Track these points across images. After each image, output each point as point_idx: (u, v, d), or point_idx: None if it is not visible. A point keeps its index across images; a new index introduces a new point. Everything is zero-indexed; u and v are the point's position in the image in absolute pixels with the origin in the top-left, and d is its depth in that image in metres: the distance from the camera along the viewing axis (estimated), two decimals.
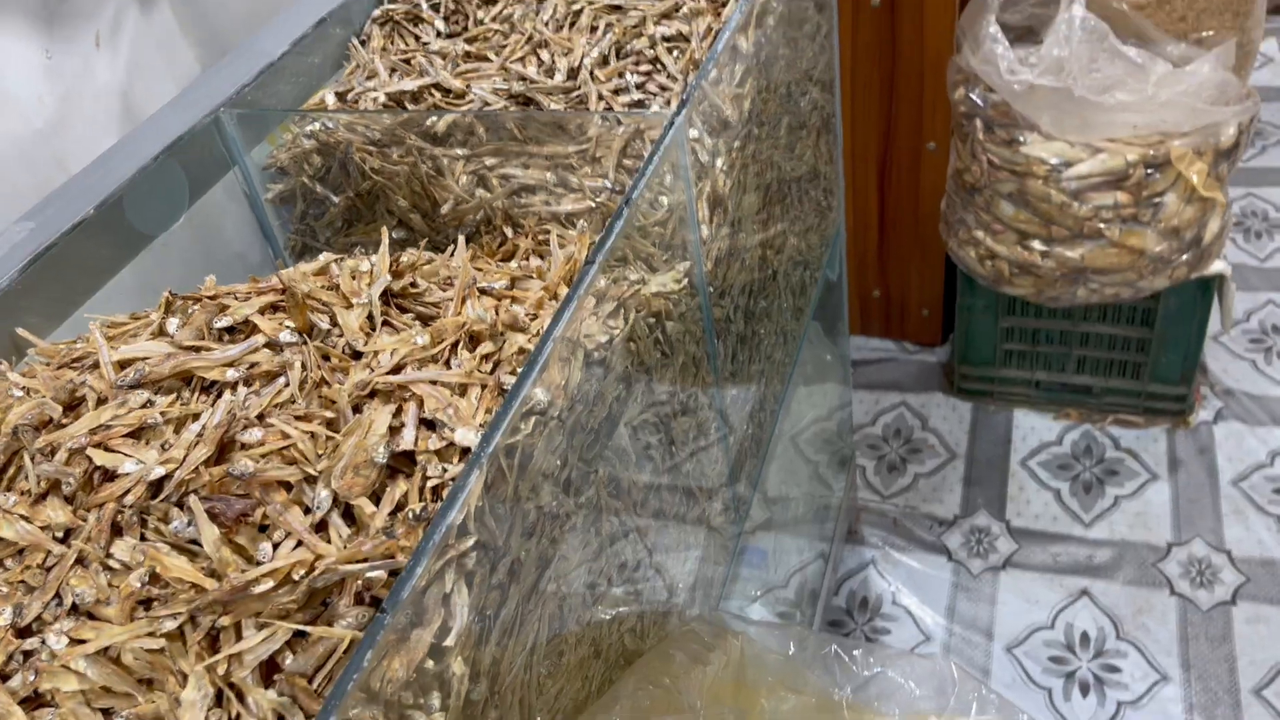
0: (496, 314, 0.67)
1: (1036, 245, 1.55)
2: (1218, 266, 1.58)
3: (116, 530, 0.53)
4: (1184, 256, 1.54)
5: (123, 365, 0.60)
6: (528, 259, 0.85)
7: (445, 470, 0.56)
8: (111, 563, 0.52)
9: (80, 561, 0.53)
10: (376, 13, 1.06)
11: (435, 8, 1.06)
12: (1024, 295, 1.63)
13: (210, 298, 0.65)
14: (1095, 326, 1.74)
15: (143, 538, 0.53)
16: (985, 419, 1.89)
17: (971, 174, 1.56)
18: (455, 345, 0.64)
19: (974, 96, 1.50)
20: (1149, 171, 1.44)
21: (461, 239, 0.80)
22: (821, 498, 1.56)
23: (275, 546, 0.52)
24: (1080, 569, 1.62)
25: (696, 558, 0.96)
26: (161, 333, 0.63)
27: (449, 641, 0.52)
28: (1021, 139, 1.47)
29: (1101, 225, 1.49)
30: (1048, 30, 1.45)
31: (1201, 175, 1.44)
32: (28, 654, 0.51)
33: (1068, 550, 1.65)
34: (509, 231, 0.89)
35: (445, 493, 0.55)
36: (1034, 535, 1.68)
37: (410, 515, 0.53)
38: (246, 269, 0.99)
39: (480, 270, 0.77)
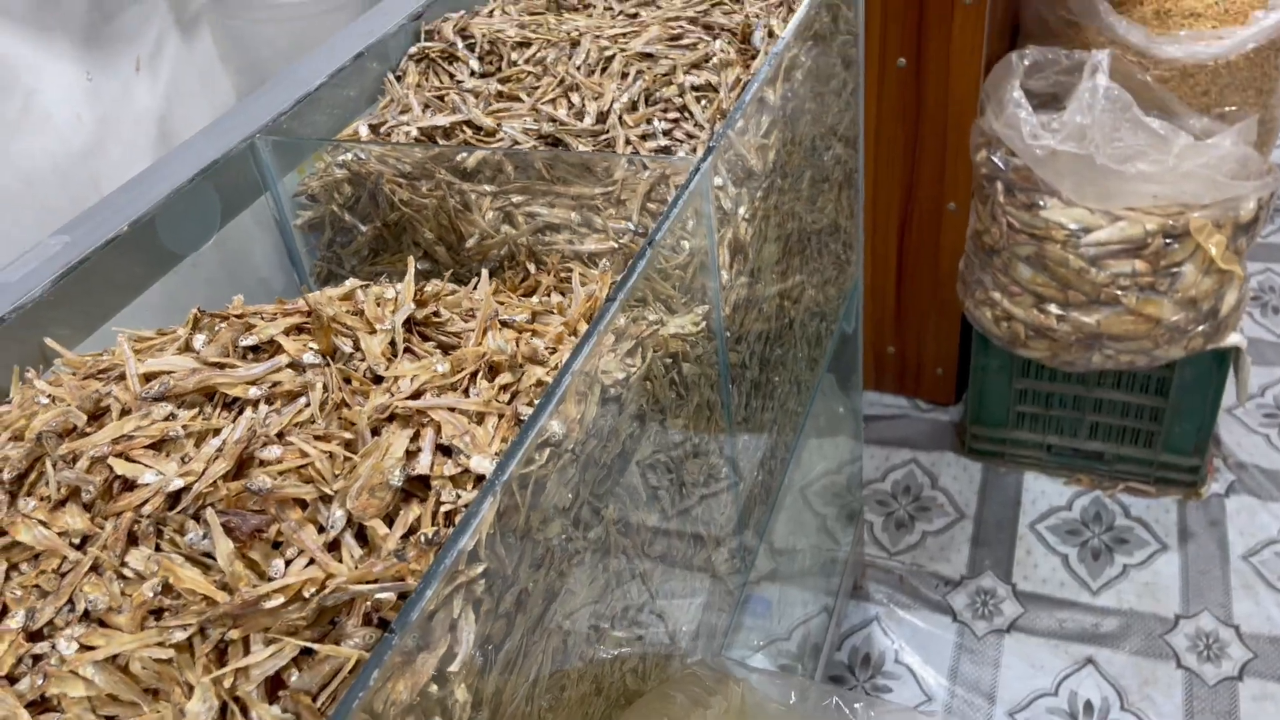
0: (517, 346, 0.68)
1: (1053, 309, 1.55)
2: (1234, 339, 1.58)
3: (132, 539, 0.54)
4: (1200, 327, 1.54)
5: (148, 378, 0.61)
6: (549, 295, 0.86)
7: (459, 496, 0.57)
8: (126, 571, 0.53)
9: (95, 569, 0.53)
10: (413, 49, 1.09)
11: (470, 47, 1.08)
12: (1039, 358, 1.64)
13: (237, 316, 0.66)
14: (1109, 393, 1.74)
15: (158, 548, 0.54)
16: (995, 480, 1.88)
17: (991, 235, 1.57)
18: (475, 374, 0.65)
19: (996, 159, 1.52)
20: (1168, 241, 1.45)
21: (485, 273, 0.82)
22: (828, 551, 1.56)
23: (288, 563, 0.53)
24: (1086, 636, 1.60)
25: (700, 604, 0.96)
26: (188, 348, 0.64)
27: (454, 667, 0.52)
28: (1042, 203, 1.48)
29: (1119, 292, 1.49)
30: (1071, 98, 1.47)
31: (1220, 248, 1.45)
32: (37, 658, 0.51)
33: (1074, 617, 1.64)
34: (532, 268, 0.90)
35: (458, 519, 0.56)
36: (1040, 600, 1.67)
37: (422, 539, 0.53)
38: (272, 292, 1.00)
39: (502, 304, 0.78)
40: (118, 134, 1.58)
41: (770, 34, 1.04)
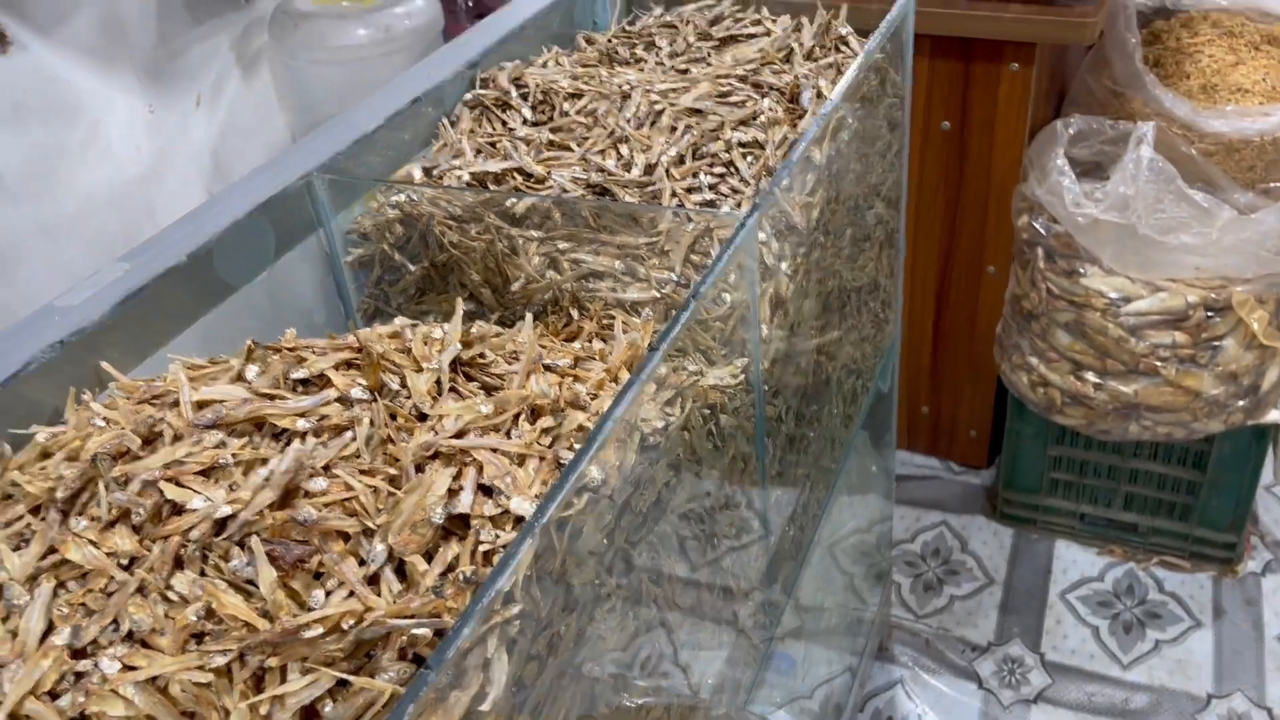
0: (559, 390, 0.69)
1: (1090, 377, 1.55)
2: (1274, 416, 1.57)
3: (178, 563, 0.55)
4: (1240, 402, 1.53)
5: (201, 406, 0.63)
6: (590, 341, 0.87)
7: (498, 537, 0.58)
8: (170, 594, 0.54)
9: (141, 590, 0.54)
10: (468, 96, 1.11)
11: (524, 96, 1.11)
12: (1074, 426, 1.63)
13: (289, 349, 0.68)
14: (1145, 464, 1.72)
15: (202, 573, 0.55)
16: (1027, 547, 1.86)
17: (1030, 301, 1.57)
18: (517, 417, 0.66)
19: (1037, 225, 1.52)
20: (1209, 314, 1.44)
21: (529, 316, 0.83)
22: (854, 610, 1.54)
23: (328, 594, 0.54)
24: (1115, 711, 1.57)
25: (725, 658, 0.96)
26: (240, 378, 0.66)
27: (485, 707, 0.52)
28: (1082, 271, 1.49)
29: (1158, 363, 1.49)
30: (1115, 168, 1.48)
31: (1263, 323, 1.44)
32: (79, 675, 0.52)
33: (1103, 691, 1.61)
34: (575, 313, 0.92)
35: (496, 559, 0.57)
36: (1069, 671, 1.64)
37: (461, 577, 0.54)
38: (317, 326, 1.02)
39: (545, 348, 0.80)
40: (174, 165, 1.63)
41: (819, 95, 1.06)
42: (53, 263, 1.40)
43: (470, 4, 2.16)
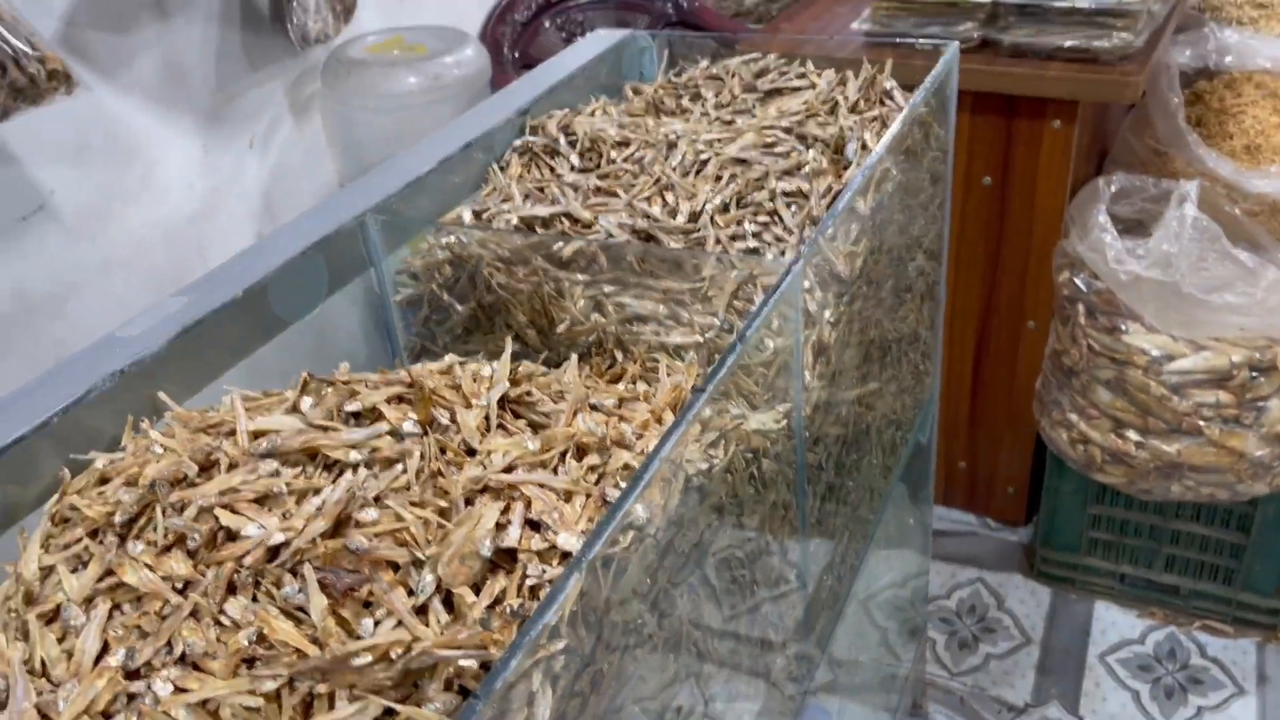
0: (606, 429, 0.70)
1: (1132, 435, 1.53)
2: None
3: (232, 589, 0.56)
4: None
5: (257, 435, 0.64)
6: (634, 383, 0.88)
7: (544, 572, 0.58)
8: (223, 619, 0.55)
9: (194, 614, 0.55)
10: (517, 143, 1.14)
11: (572, 144, 1.13)
12: (1115, 484, 1.61)
13: (343, 383, 0.69)
14: (1187, 525, 1.69)
15: (255, 599, 0.56)
16: (1065, 607, 1.83)
17: (1070, 357, 1.56)
18: (564, 454, 0.67)
19: (1079, 281, 1.52)
20: (1253, 375, 1.43)
21: (574, 358, 0.84)
22: (888, 666, 1.52)
23: (376, 624, 0.54)
24: None
25: (758, 710, 0.95)
26: (295, 409, 0.67)
27: None
28: (1124, 328, 1.48)
29: (1201, 423, 1.47)
30: (1157, 225, 1.48)
31: None
32: (132, 696, 0.53)
33: None
34: (619, 356, 0.93)
35: (543, 593, 0.57)
36: None
37: (508, 610, 0.55)
38: (365, 363, 1.04)
39: (589, 388, 0.81)
40: (225, 205, 1.67)
41: (864, 147, 1.08)
42: (106, 298, 1.43)
43: (516, 55, 2.21)
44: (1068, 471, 1.69)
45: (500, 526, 0.59)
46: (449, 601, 0.57)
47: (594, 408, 0.75)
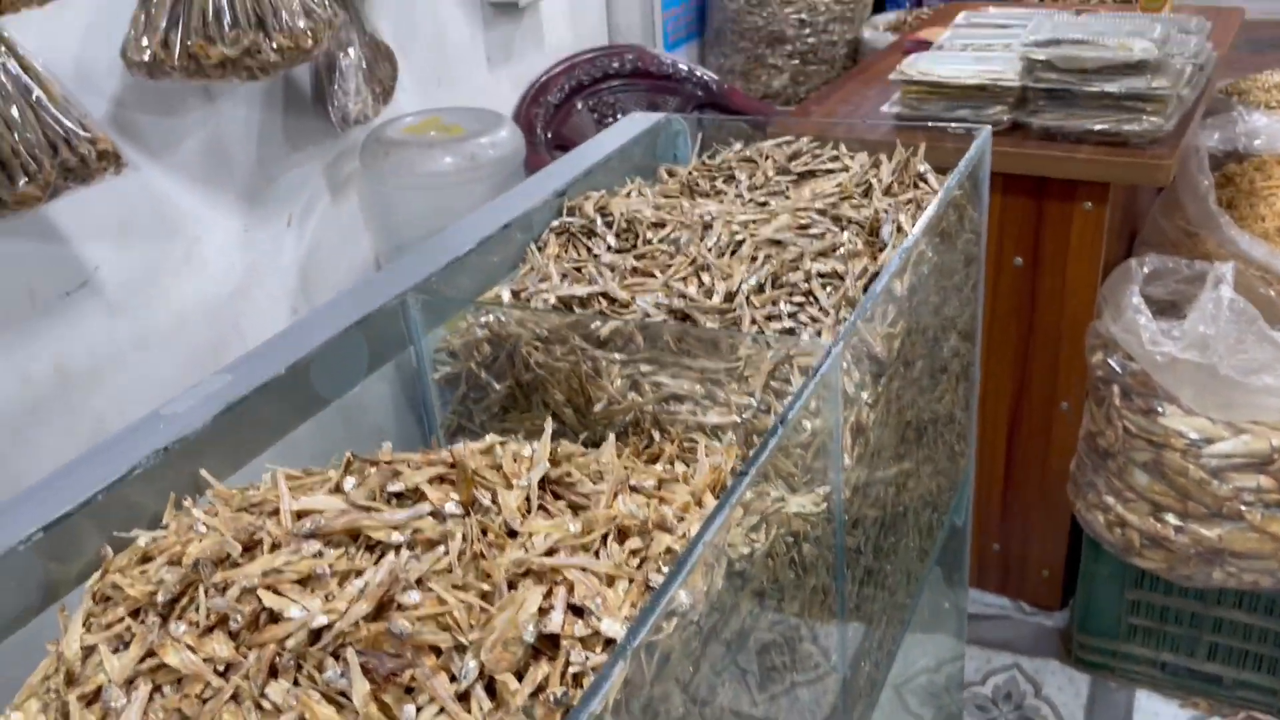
0: (647, 511, 0.69)
1: (1171, 519, 1.51)
2: None
3: (273, 672, 0.56)
4: None
5: (299, 516, 0.64)
6: (672, 463, 0.87)
7: (588, 658, 0.57)
8: (265, 703, 0.54)
9: (235, 698, 0.55)
10: (555, 223, 1.15)
11: (609, 224, 1.14)
12: (1154, 569, 1.58)
13: (386, 463, 0.69)
14: (1230, 612, 1.65)
15: (296, 682, 0.55)
16: (1104, 695, 1.78)
17: (1106, 438, 1.55)
18: (605, 537, 0.66)
19: (1113, 362, 1.51)
20: None
21: (611, 437, 0.84)
22: None
23: (419, 710, 0.54)
24: None
25: None
26: (338, 489, 0.67)
27: None
28: (1160, 410, 1.46)
29: (1242, 508, 1.45)
30: (1192, 307, 1.47)
31: None
32: None
33: None
34: (656, 435, 0.92)
35: (586, 681, 0.56)
36: None
37: (551, 698, 0.54)
38: (401, 440, 1.04)
39: (628, 469, 0.80)
40: (263, 281, 1.69)
41: (899, 229, 1.08)
42: (145, 373, 1.45)
43: (549, 135, 2.25)
44: (1105, 555, 1.66)
45: (543, 611, 0.59)
46: (491, 688, 0.56)
47: (634, 489, 0.74)
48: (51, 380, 1.33)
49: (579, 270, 1.07)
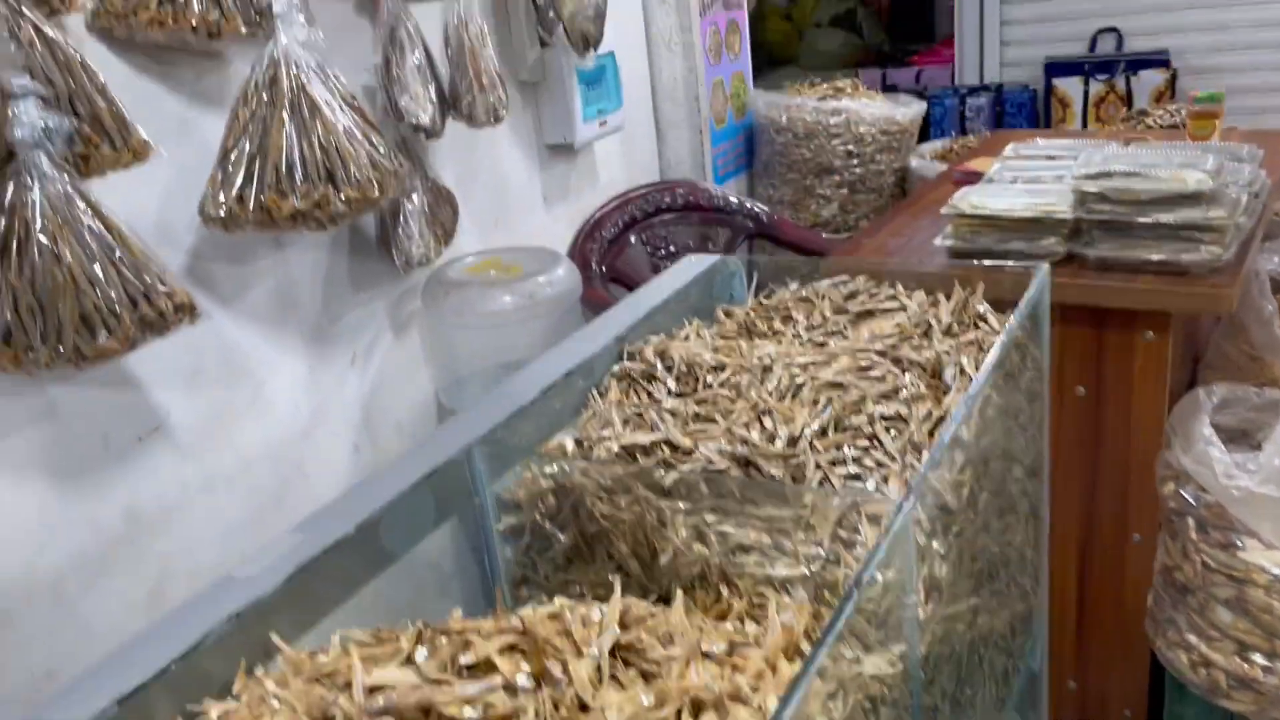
0: (720, 682, 0.68)
1: (1258, 659, 1.44)
2: None
3: None
4: None
5: (371, 690, 0.64)
6: (742, 621, 0.86)
7: None
8: None
9: None
10: (616, 369, 1.16)
11: (669, 369, 1.15)
12: (1244, 712, 1.50)
13: (457, 632, 0.69)
14: None
15: None
16: None
17: (1183, 573, 1.50)
18: (679, 712, 0.65)
19: (1186, 494, 1.47)
20: None
21: (680, 595, 0.83)
22: None
23: None
24: None
25: None
26: (409, 661, 0.67)
27: None
28: (1240, 544, 1.42)
29: None
30: (1266, 436, 1.44)
31: None
32: None
33: None
34: (724, 589, 0.91)
35: None
36: None
37: None
38: (464, 592, 1.04)
39: (699, 630, 0.79)
40: (326, 421, 1.72)
41: (961, 371, 1.08)
42: (209, 516, 1.46)
43: (604, 269, 2.29)
44: (1190, 696, 1.58)
45: None
46: None
47: (705, 654, 0.73)
48: (120, 525, 1.35)
49: (640, 416, 1.08)
